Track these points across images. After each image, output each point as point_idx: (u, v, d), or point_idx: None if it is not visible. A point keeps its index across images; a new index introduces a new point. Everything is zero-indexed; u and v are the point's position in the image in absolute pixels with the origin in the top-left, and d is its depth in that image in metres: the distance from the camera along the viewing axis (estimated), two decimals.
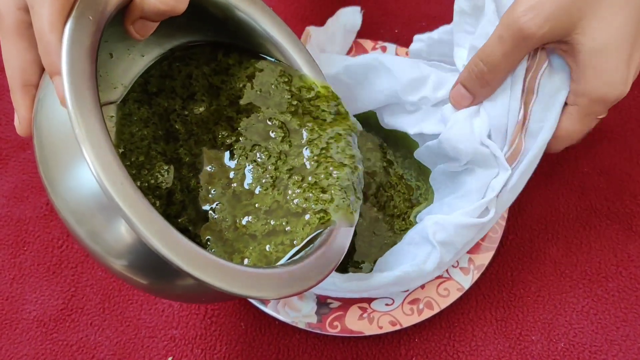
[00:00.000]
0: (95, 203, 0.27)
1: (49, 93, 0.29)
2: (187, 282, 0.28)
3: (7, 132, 0.50)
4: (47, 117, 0.29)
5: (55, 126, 0.29)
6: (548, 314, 0.42)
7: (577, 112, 0.36)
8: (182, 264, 0.25)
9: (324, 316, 0.40)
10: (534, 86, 0.36)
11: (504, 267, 0.44)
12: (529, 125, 0.37)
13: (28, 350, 0.42)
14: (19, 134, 0.31)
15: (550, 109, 0.36)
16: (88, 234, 0.28)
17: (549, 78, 0.36)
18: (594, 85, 0.34)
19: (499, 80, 0.36)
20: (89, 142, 0.24)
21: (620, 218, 0.45)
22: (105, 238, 0.28)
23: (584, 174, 0.47)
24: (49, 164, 0.28)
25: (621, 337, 0.41)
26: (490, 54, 0.35)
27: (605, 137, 0.48)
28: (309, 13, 0.56)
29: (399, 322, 0.40)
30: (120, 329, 0.42)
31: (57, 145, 0.28)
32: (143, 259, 0.28)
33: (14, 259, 0.45)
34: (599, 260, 0.44)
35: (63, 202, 0.28)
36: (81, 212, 0.27)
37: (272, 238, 0.33)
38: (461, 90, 0.37)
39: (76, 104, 0.25)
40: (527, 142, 0.37)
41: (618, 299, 0.43)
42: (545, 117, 0.36)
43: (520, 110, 0.36)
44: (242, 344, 0.42)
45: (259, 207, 0.34)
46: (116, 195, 0.24)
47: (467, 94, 0.37)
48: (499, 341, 0.42)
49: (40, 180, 0.47)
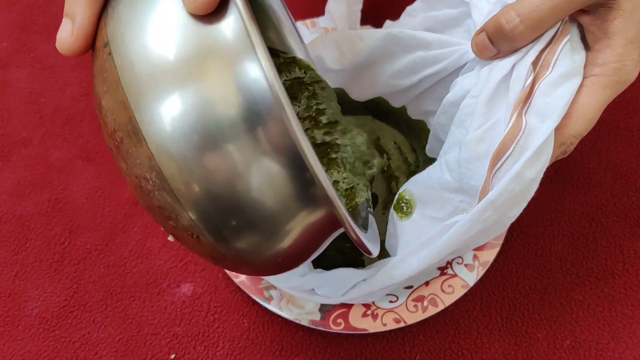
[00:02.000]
0: (204, 131, 0.23)
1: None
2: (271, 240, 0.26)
3: (9, 128, 0.50)
4: (142, 30, 0.24)
5: (158, 42, 0.24)
6: (554, 311, 0.42)
7: (596, 82, 0.32)
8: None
9: (327, 313, 0.40)
10: (550, 60, 0.32)
11: (509, 264, 0.44)
12: (534, 101, 0.32)
13: (30, 347, 0.42)
14: (63, 50, 0.26)
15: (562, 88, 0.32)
16: (180, 169, 0.24)
17: (569, 56, 0.32)
18: (618, 52, 0.32)
19: (530, 39, 0.32)
20: (262, 47, 0.22)
21: (626, 214, 0.45)
22: (204, 175, 0.24)
23: (590, 169, 0.47)
24: (143, 86, 0.24)
25: (628, 335, 0.41)
26: (534, 9, 0.31)
27: (612, 133, 0.48)
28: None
29: (403, 319, 0.40)
30: (122, 326, 0.42)
31: (160, 66, 0.24)
32: (237, 202, 0.24)
33: (16, 255, 0.45)
34: (606, 257, 0.44)
35: (157, 130, 0.24)
36: (180, 143, 0.23)
37: None
38: (485, 41, 0.34)
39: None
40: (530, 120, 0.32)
41: (625, 296, 0.42)
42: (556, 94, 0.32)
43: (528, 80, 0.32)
44: (245, 341, 0.42)
45: None
46: (286, 105, 0.22)
47: (491, 46, 0.34)
48: (504, 339, 0.41)
49: (43, 176, 0.47)
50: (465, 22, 0.38)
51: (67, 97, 0.50)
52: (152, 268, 0.44)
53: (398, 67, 0.40)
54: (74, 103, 0.50)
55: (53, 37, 0.53)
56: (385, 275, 0.35)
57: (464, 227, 0.32)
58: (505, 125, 0.31)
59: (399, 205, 0.38)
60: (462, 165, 0.33)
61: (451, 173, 0.34)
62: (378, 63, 0.41)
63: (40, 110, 0.50)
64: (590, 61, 0.32)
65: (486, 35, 0.34)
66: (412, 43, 0.39)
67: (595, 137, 0.48)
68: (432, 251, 0.34)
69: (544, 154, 0.31)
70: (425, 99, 0.42)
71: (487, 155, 0.32)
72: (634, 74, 0.32)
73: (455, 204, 0.34)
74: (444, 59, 0.38)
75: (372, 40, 0.40)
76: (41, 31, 0.53)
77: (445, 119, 0.38)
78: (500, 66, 0.33)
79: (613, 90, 0.32)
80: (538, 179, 0.31)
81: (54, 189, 0.47)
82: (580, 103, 0.32)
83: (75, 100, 0.50)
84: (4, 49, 0.53)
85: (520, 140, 0.31)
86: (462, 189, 0.34)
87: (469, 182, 0.33)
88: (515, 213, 0.32)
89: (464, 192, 0.34)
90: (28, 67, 0.52)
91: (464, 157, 0.33)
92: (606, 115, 0.48)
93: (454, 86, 0.36)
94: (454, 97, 0.36)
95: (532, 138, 0.31)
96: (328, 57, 0.41)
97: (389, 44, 0.39)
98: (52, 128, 0.49)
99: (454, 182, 0.34)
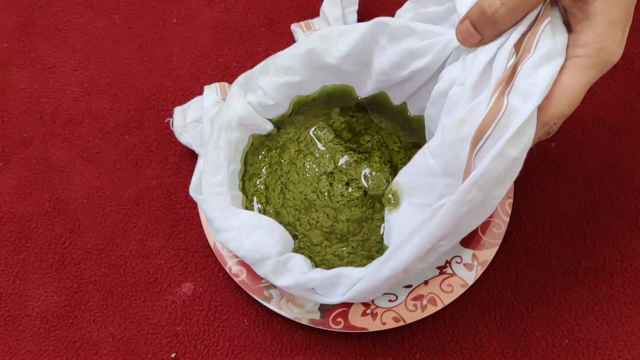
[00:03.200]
0: None
1: None
2: None
3: (10, 129, 0.50)
4: None
5: None
6: (552, 310, 0.42)
7: (579, 63, 0.32)
8: None
9: (327, 312, 0.40)
10: (532, 43, 0.32)
11: (508, 263, 0.44)
12: (516, 82, 0.32)
13: (31, 346, 0.42)
14: None
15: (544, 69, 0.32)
16: None
17: (551, 37, 0.32)
18: (599, 33, 0.32)
19: (512, 22, 0.33)
20: None
21: (624, 213, 0.45)
22: None
23: (588, 168, 0.47)
24: None
25: (626, 333, 0.41)
26: None
27: (610, 132, 0.48)
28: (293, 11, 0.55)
29: (403, 318, 0.40)
30: (123, 325, 0.42)
31: None
32: None
33: (17, 255, 0.45)
34: (604, 256, 0.44)
35: None
36: None
37: None
38: (469, 28, 0.34)
39: None
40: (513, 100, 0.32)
41: (623, 294, 0.42)
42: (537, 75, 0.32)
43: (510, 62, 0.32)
44: (245, 340, 0.42)
45: None
46: None
47: (475, 32, 0.34)
48: (502, 337, 0.41)
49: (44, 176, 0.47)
50: (451, 18, 0.39)
51: (68, 97, 0.51)
52: (153, 268, 0.44)
53: (388, 59, 0.40)
54: (75, 103, 0.50)
55: (54, 37, 0.53)
56: (382, 268, 0.35)
57: (451, 208, 0.32)
58: (486, 107, 0.32)
59: (386, 198, 0.39)
60: (445, 149, 0.34)
61: (435, 157, 0.35)
62: (369, 55, 0.41)
63: (41, 111, 0.50)
64: (572, 42, 0.33)
65: (469, 22, 0.34)
66: (397, 33, 0.39)
67: (593, 136, 0.48)
68: (423, 237, 0.33)
69: (526, 134, 0.31)
70: (421, 96, 0.42)
71: (469, 136, 0.32)
72: (617, 54, 0.32)
73: (442, 188, 0.35)
74: (430, 49, 0.38)
75: (362, 30, 0.40)
76: (42, 32, 0.54)
77: (435, 110, 0.38)
78: (485, 51, 0.33)
79: (596, 71, 0.32)
80: (521, 158, 0.32)
81: (55, 189, 0.47)
82: (563, 84, 0.32)
83: (75, 100, 0.50)
84: (5, 50, 0.53)
85: (501, 120, 0.31)
86: (447, 173, 0.34)
87: (455, 165, 0.33)
88: (501, 192, 0.33)
89: (449, 176, 0.34)
90: (29, 67, 0.52)
91: (447, 140, 0.33)
92: (604, 114, 0.48)
93: (442, 77, 0.37)
94: (442, 88, 0.36)
95: (514, 118, 0.31)
96: (323, 51, 0.41)
97: (376, 34, 0.40)
98: (52, 128, 0.49)
99: (438, 167, 0.34)
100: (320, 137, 0.43)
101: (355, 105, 0.45)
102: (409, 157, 0.43)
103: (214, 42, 0.53)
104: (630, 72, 0.50)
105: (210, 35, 0.53)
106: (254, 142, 0.44)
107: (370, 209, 0.41)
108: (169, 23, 0.54)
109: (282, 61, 0.42)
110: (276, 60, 0.43)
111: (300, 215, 0.42)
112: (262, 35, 0.53)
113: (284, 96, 0.44)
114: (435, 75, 0.39)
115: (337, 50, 0.41)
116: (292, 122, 0.45)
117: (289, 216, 0.42)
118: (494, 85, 0.32)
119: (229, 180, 0.42)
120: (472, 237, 0.42)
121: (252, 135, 0.44)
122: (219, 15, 0.54)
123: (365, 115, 0.45)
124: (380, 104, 0.44)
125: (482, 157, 0.32)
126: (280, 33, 0.53)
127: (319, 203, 0.41)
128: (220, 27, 0.53)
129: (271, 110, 0.44)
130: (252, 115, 0.43)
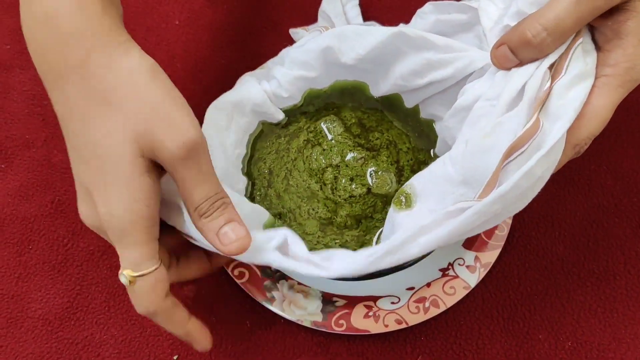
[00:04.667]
0: None
1: None
2: None
3: (13, 131, 0.50)
4: None
5: None
6: (555, 312, 0.42)
7: (608, 83, 0.32)
8: None
9: (329, 314, 0.40)
10: (564, 64, 0.33)
11: (511, 265, 0.44)
12: (549, 104, 0.32)
13: (33, 348, 0.42)
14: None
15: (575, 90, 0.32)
16: None
17: (582, 58, 0.33)
18: (629, 52, 0.32)
19: (556, 49, 0.33)
20: None
21: (627, 215, 0.45)
22: None
23: (591, 171, 0.47)
24: None
25: (629, 336, 0.41)
26: (561, 20, 0.32)
27: (613, 134, 0.48)
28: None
29: (405, 320, 0.40)
30: (125, 327, 0.42)
31: None
32: None
33: (20, 257, 0.45)
34: (607, 259, 0.44)
35: None
36: None
37: None
38: (507, 53, 0.34)
39: None
40: (545, 123, 0.32)
41: (626, 297, 0.42)
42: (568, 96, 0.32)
43: (546, 83, 0.33)
44: (248, 342, 0.42)
45: None
46: None
47: (514, 57, 0.34)
48: (505, 340, 0.41)
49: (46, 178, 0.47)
50: (475, 28, 0.39)
51: None
52: None
53: (407, 66, 0.40)
54: None
55: None
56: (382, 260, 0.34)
57: (471, 217, 0.32)
58: (517, 122, 0.32)
59: (398, 199, 0.38)
60: (466, 159, 0.34)
61: (455, 166, 0.35)
62: (389, 61, 0.41)
63: (44, 113, 0.50)
64: (601, 62, 0.33)
65: (508, 48, 0.34)
66: (421, 44, 0.39)
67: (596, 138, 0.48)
68: (430, 239, 0.33)
69: (554, 154, 0.32)
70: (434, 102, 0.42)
71: (492, 148, 0.32)
72: None
73: (456, 197, 0.35)
74: (451, 63, 0.38)
75: (382, 37, 0.40)
76: None
77: (454, 122, 0.38)
78: (521, 74, 0.33)
79: (625, 90, 0.33)
80: (546, 178, 0.32)
81: (57, 191, 0.47)
82: (592, 104, 0.32)
83: None
84: (7, 51, 0.53)
85: (536, 140, 0.32)
86: (465, 182, 0.34)
87: (473, 175, 0.33)
88: (519, 207, 0.33)
89: (465, 185, 0.34)
90: (31, 69, 0.52)
91: (470, 151, 0.34)
92: None
93: (464, 92, 0.37)
94: (465, 102, 0.37)
95: (545, 138, 0.32)
96: (339, 50, 0.41)
97: (399, 42, 0.40)
98: (55, 130, 0.49)
99: (457, 176, 0.34)
100: (330, 130, 0.43)
101: (368, 102, 0.45)
102: (416, 159, 0.43)
103: (216, 44, 0.53)
104: None
105: (213, 37, 0.53)
106: (263, 128, 0.44)
107: (371, 208, 0.41)
108: (171, 25, 0.54)
109: (298, 55, 0.42)
110: (291, 52, 0.43)
111: (301, 203, 0.42)
112: (264, 38, 0.53)
113: (298, 89, 0.44)
114: (453, 87, 0.40)
115: (354, 52, 0.41)
116: (303, 113, 0.45)
117: (290, 202, 0.42)
118: (531, 105, 0.32)
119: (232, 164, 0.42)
120: (474, 239, 0.42)
121: (262, 122, 0.44)
122: (221, 17, 0.54)
123: (377, 112, 0.45)
124: (393, 104, 0.44)
125: (509, 171, 0.32)
126: (283, 35, 0.53)
127: (321, 194, 0.41)
128: (222, 30, 0.53)
129: (284, 101, 0.44)
130: (266, 103, 0.43)
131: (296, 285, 0.41)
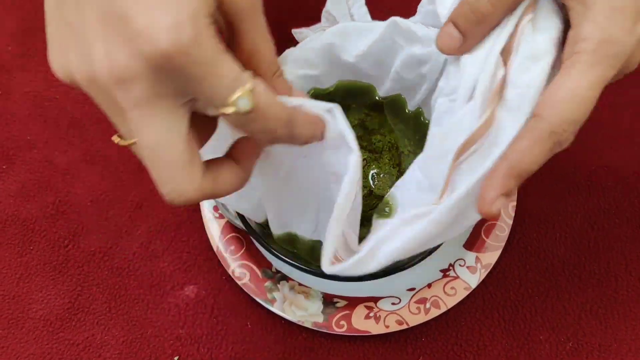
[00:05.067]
0: None
1: None
2: None
3: (14, 132, 0.50)
4: None
5: None
6: (556, 313, 0.42)
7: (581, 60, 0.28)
8: None
9: (330, 315, 0.40)
10: (513, 45, 0.29)
11: (512, 266, 0.44)
12: (507, 93, 0.29)
13: (34, 349, 0.42)
14: None
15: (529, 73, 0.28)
16: None
17: (531, 36, 0.29)
18: (600, 21, 0.27)
19: (499, 14, 0.29)
20: None
21: (628, 217, 0.45)
22: None
23: (591, 172, 0.47)
24: None
25: (631, 337, 0.41)
26: None
27: (613, 135, 0.48)
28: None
29: (406, 321, 0.40)
30: (126, 328, 0.42)
31: None
32: None
33: (20, 258, 0.45)
34: (608, 260, 0.44)
35: None
36: None
37: None
38: (450, 30, 0.30)
39: None
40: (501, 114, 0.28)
41: (627, 298, 0.42)
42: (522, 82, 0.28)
43: (499, 71, 0.29)
44: (248, 343, 0.42)
45: None
46: None
47: (457, 34, 0.30)
48: (506, 341, 0.41)
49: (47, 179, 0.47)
50: None
51: (71, 100, 0.51)
52: (156, 270, 0.44)
53: (400, 58, 0.40)
54: (78, 106, 0.50)
55: None
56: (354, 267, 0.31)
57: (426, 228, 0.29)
58: (471, 119, 0.29)
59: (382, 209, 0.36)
60: (427, 162, 0.32)
61: (422, 171, 0.32)
62: (388, 56, 0.41)
63: (45, 114, 0.50)
64: (572, 39, 0.28)
65: (451, 23, 0.30)
66: (408, 36, 0.38)
67: (597, 139, 0.48)
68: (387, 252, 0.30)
69: None
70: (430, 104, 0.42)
71: (451, 150, 0.29)
72: (628, 44, 0.28)
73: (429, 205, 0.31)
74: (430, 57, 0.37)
75: (378, 30, 0.39)
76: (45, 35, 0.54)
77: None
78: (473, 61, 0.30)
79: (605, 67, 0.28)
80: None
81: (58, 192, 0.47)
82: (565, 86, 0.28)
83: (79, 103, 0.51)
84: (9, 53, 0.53)
85: (490, 137, 0.28)
86: (432, 188, 0.31)
87: (438, 181, 0.30)
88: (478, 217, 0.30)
89: (432, 191, 0.31)
90: (32, 70, 0.52)
91: (429, 154, 0.31)
92: (608, 116, 0.48)
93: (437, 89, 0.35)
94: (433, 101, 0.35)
95: (502, 133, 0.28)
96: (341, 47, 0.41)
97: (394, 34, 0.39)
98: (56, 131, 0.50)
99: (424, 181, 0.32)
100: None
101: (372, 104, 0.45)
102: None
103: None
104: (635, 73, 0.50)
105: None
106: None
107: (371, 210, 0.41)
108: None
109: (301, 53, 0.42)
110: (295, 52, 0.43)
111: None
112: None
113: (302, 88, 0.43)
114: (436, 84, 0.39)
115: (356, 48, 0.40)
116: None
117: None
118: (485, 98, 0.29)
119: None
120: (475, 239, 0.42)
121: None
122: None
123: (381, 114, 0.45)
124: (397, 106, 0.44)
125: (462, 170, 0.29)
126: (286, 36, 0.53)
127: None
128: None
129: None
130: None
131: (297, 286, 0.42)
